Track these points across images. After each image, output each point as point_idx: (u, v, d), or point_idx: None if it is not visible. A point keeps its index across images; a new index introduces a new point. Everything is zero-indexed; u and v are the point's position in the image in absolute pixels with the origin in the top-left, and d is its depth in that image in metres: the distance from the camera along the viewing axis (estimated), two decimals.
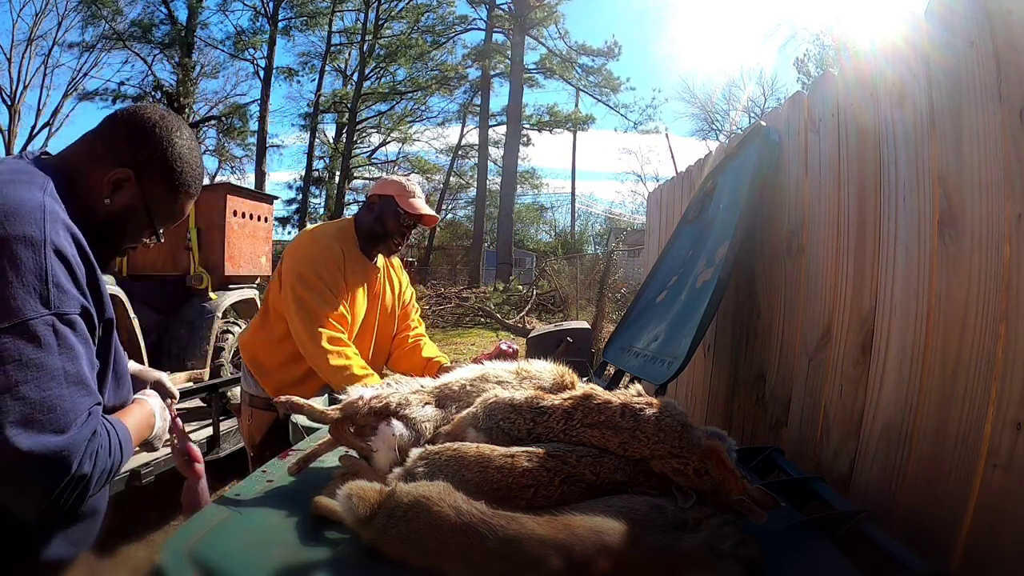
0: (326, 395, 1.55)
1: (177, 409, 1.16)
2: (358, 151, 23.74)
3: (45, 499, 0.72)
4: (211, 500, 1.11)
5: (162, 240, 1.01)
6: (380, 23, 21.64)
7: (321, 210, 23.47)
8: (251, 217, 4.41)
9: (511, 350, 1.72)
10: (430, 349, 2.03)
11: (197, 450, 1.15)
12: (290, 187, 24.14)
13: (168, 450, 3.13)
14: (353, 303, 1.78)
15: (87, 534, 0.93)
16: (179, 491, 1.12)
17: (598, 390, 0.90)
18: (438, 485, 0.72)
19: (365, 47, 21.50)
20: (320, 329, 1.66)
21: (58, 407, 0.72)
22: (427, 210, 1.85)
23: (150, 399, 1.04)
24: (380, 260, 1.95)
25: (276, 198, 5.21)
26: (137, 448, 0.98)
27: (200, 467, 1.13)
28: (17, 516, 0.77)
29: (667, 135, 6.53)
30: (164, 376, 1.19)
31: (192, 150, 0.96)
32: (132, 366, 1.22)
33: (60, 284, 0.75)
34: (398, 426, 0.90)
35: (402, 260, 2.13)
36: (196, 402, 3.64)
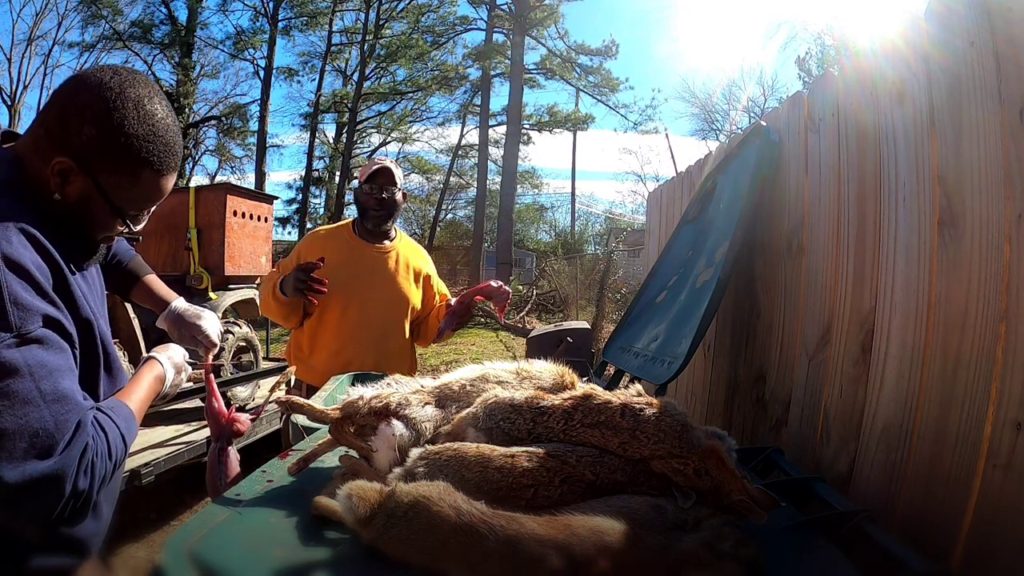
0: (330, 393, 1.55)
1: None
2: (358, 151, 23.70)
3: (45, 522, 0.70)
4: (236, 469, 1.10)
5: (138, 226, 0.90)
6: (380, 23, 21.64)
7: (321, 210, 23.49)
8: (251, 217, 4.41)
9: (501, 288, 1.85)
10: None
11: (220, 406, 1.12)
12: (290, 187, 24.13)
13: (169, 449, 3.11)
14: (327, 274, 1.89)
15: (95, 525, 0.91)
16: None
17: (598, 390, 0.90)
18: (438, 485, 0.72)
19: (365, 47, 21.50)
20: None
21: (40, 431, 0.68)
22: (375, 167, 1.99)
23: (163, 358, 1.00)
24: (393, 246, 2.06)
25: (276, 198, 5.20)
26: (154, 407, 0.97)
27: (239, 427, 1.10)
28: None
29: (667, 135, 6.54)
30: (207, 316, 1.17)
31: (143, 117, 0.80)
32: (156, 283, 1.22)
33: (19, 301, 0.69)
34: (398, 426, 0.90)
35: None
36: (196, 402, 3.65)
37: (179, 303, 1.20)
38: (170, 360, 1.01)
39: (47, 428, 0.69)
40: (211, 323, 1.19)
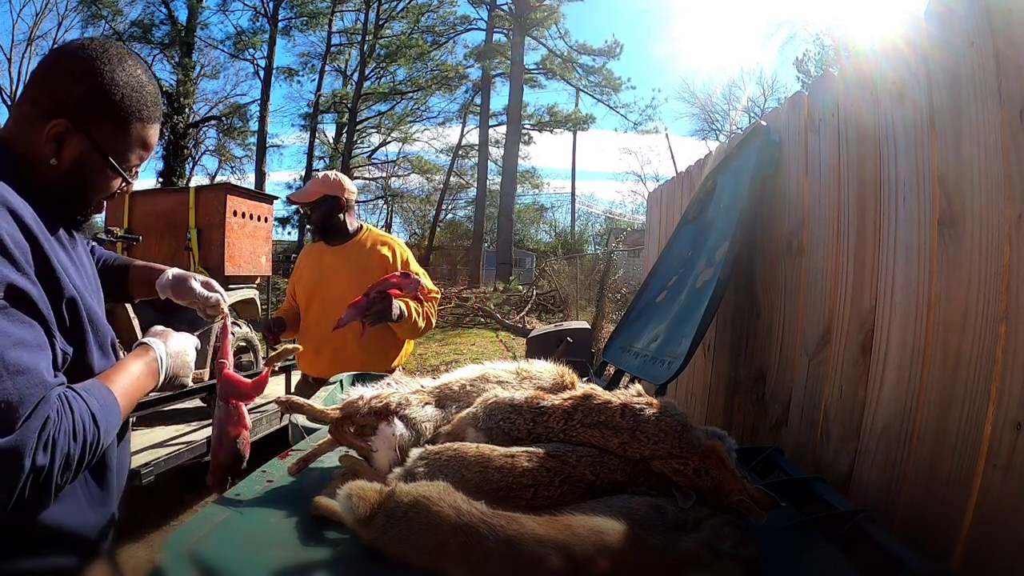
0: (330, 393, 1.55)
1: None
2: (358, 151, 23.73)
3: (6, 501, 0.66)
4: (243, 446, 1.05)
5: (133, 180, 0.91)
6: (380, 23, 21.65)
7: None
8: (251, 217, 4.41)
9: (403, 279, 1.90)
10: None
11: (240, 379, 1.06)
12: (290, 187, 24.19)
13: (169, 449, 3.10)
14: (299, 280, 2.34)
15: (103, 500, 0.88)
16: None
17: (598, 390, 0.90)
18: (438, 485, 0.72)
19: (365, 47, 21.51)
20: None
21: (2, 403, 0.65)
22: (299, 198, 2.25)
23: (157, 343, 0.94)
24: (350, 244, 2.25)
25: (276, 198, 5.19)
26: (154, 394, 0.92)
27: (242, 414, 1.03)
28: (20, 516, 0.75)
29: (667, 135, 6.53)
30: (202, 288, 1.10)
31: (128, 71, 0.85)
32: (146, 264, 1.19)
33: None
34: (398, 426, 0.90)
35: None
36: (196, 402, 3.65)
37: (174, 270, 1.17)
38: (167, 349, 0.95)
39: (10, 401, 0.66)
40: (197, 284, 1.15)
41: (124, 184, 0.91)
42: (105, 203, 0.93)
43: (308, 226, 2.33)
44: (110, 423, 0.79)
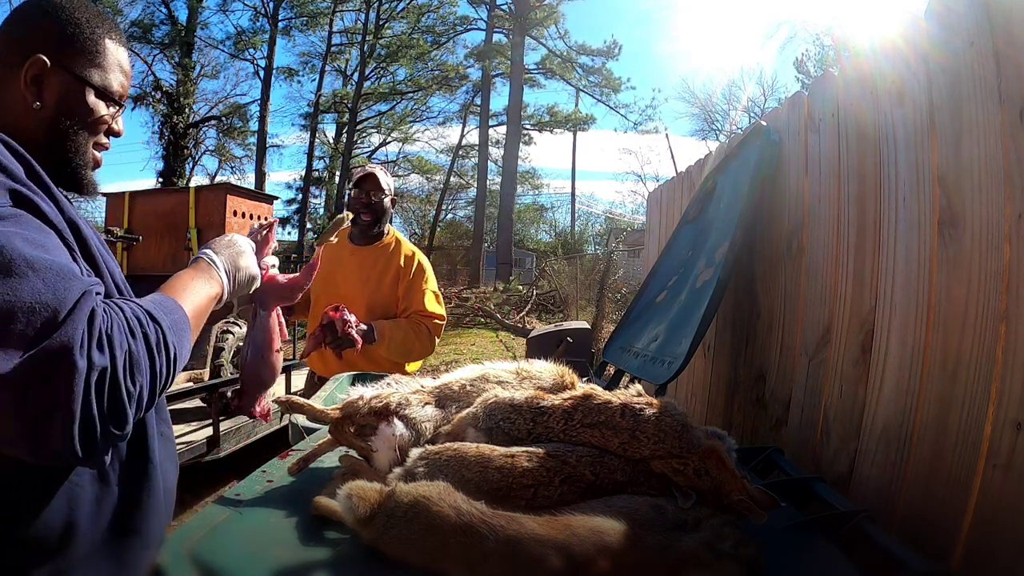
0: (330, 392, 1.55)
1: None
2: (358, 151, 23.70)
3: (69, 420, 0.55)
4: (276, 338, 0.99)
5: (124, 105, 0.89)
6: (381, 23, 21.65)
7: (321, 210, 23.48)
8: (251, 217, 4.42)
9: (334, 311, 1.87)
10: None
11: (285, 279, 1.00)
12: (290, 187, 24.09)
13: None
14: (318, 279, 2.27)
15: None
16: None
17: (598, 390, 0.90)
18: (438, 485, 0.72)
19: (365, 47, 21.51)
20: None
21: (36, 304, 0.56)
22: (361, 172, 2.17)
23: (213, 255, 0.86)
24: (372, 248, 2.19)
25: (276, 198, 5.21)
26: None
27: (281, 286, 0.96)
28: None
29: (667, 135, 6.52)
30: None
31: (83, 2, 0.85)
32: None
33: None
34: (398, 426, 0.90)
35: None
36: (196, 402, 3.65)
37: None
38: (214, 249, 0.87)
39: (44, 301, 0.57)
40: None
41: (115, 112, 0.87)
42: (101, 154, 0.88)
43: (362, 211, 2.15)
44: (175, 321, 0.70)
